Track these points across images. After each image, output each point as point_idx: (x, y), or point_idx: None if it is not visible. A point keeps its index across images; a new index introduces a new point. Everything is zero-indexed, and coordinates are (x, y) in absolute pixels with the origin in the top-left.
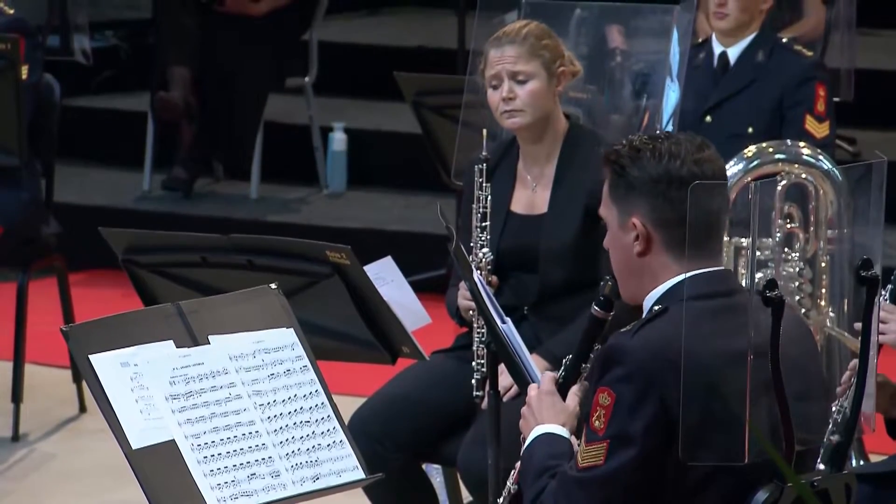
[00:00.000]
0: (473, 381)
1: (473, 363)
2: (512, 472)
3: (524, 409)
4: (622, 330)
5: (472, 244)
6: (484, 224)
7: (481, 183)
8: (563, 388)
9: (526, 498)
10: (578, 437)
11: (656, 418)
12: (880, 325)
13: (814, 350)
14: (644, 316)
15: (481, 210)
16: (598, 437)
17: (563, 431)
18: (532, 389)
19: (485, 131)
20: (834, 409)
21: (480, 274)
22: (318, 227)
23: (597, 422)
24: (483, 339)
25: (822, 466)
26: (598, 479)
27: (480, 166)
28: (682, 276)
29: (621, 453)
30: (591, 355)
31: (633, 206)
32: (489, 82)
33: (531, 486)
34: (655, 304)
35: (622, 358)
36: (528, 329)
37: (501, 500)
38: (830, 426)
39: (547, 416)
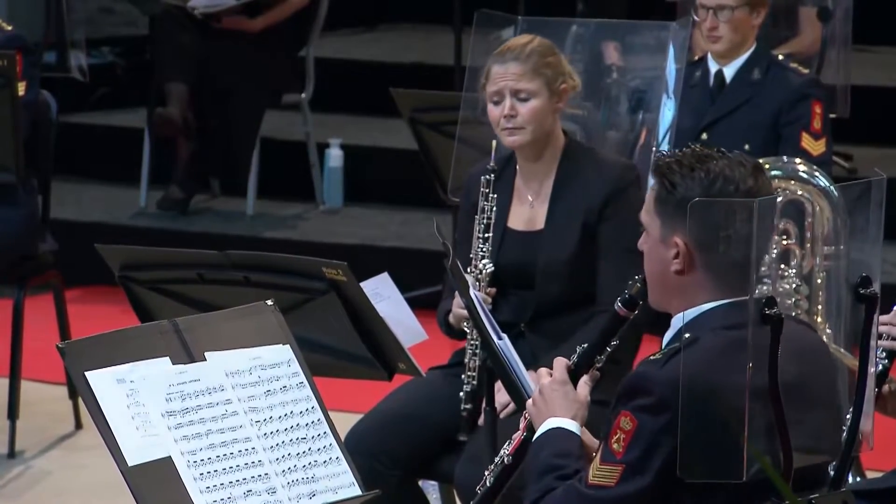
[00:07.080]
0: (462, 393)
1: (463, 375)
2: (508, 443)
3: (535, 397)
4: (651, 358)
5: (471, 255)
6: (487, 235)
7: (487, 193)
8: (574, 376)
9: (528, 495)
10: (589, 429)
11: (676, 453)
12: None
13: (828, 358)
14: (671, 338)
15: (485, 221)
16: (615, 460)
17: (574, 426)
18: (544, 377)
19: (493, 142)
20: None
21: (479, 285)
22: (315, 244)
23: (615, 444)
24: (475, 351)
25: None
26: (605, 500)
27: (488, 177)
28: (714, 304)
29: (635, 481)
30: (608, 349)
31: (679, 225)
32: (490, 98)
33: (534, 482)
34: (685, 328)
35: (651, 388)
36: (525, 346)
37: (492, 466)
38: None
39: (558, 409)
